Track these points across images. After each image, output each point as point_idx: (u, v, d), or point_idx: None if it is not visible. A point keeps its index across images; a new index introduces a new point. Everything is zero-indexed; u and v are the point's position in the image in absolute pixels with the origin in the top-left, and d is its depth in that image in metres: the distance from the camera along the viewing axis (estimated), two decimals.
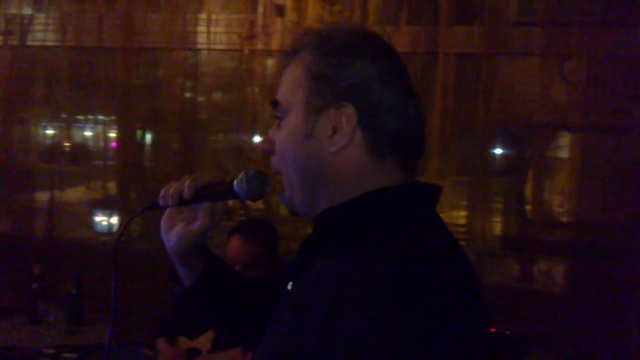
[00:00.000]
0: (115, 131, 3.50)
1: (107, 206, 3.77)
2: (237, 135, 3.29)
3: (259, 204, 3.24)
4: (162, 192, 1.14)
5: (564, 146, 3.06)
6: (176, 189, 1.12)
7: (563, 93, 2.85)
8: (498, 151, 3.09)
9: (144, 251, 3.36)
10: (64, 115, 3.61)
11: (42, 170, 3.73)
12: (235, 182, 1.09)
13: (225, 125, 3.42)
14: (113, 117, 3.51)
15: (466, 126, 3.01)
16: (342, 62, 1.01)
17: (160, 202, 1.14)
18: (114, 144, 3.73)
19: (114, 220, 3.75)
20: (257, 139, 3.23)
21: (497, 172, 3.10)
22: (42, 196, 3.58)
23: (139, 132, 3.56)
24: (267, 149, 1.08)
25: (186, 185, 1.11)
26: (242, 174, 1.09)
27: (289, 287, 1.07)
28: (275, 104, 1.07)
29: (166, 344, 2.55)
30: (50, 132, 4.24)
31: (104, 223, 3.83)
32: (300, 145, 1.01)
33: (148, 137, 3.65)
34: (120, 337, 2.95)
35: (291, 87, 1.04)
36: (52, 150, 3.74)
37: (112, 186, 3.84)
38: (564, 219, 2.92)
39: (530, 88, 2.97)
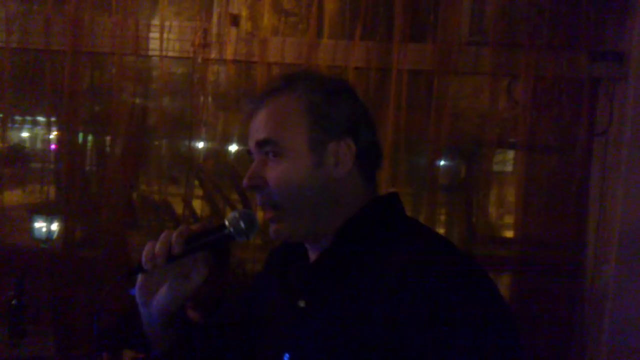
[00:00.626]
0: (56, 133, 3.38)
1: (47, 211, 3.65)
2: (187, 142, 3.25)
3: (207, 212, 3.20)
4: (144, 254, 1.08)
5: (509, 162, 3.16)
6: (162, 246, 1.08)
7: (510, 111, 2.94)
8: (445, 165, 3.16)
9: (87, 259, 3.27)
10: (1, 116, 3.47)
11: None
12: (228, 225, 1.09)
13: (173, 132, 3.37)
14: (54, 119, 3.39)
15: (416, 140, 3.07)
16: (338, 100, 1.14)
17: (146, 266, 1.08)
18: (53, 146, 3.62)
19: (54, 227, 3.63)
20: (201, 145, 3.19)
21: (444, 185, 3.16)
22: None
23: (81, 135, 3.46)
24: (256, 185, 1.12)
25: (173, 239, 1.08)
26: (232, 216, 1.10)
27: (302, 304, 1.11)
28: (265, 142, 1.11)
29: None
30: None
31: (44, 229, 3.70)
32: (310, 175, 1.10)
33: (91, 140, 3.56)
34: (62, 350, 2.86)
35: (287, 124, 1.11)
36: None
37: (50, 190, 3.72)
38: (508, 234, 3.00)
39: (478, 105, 3.05)
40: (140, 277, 1.12)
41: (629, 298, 2.64)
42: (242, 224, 1.09)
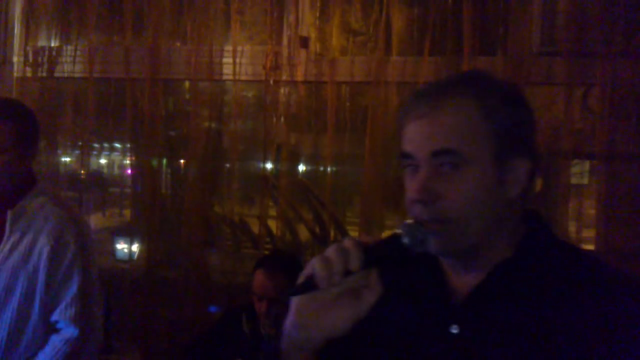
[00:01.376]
0: (133, 158, 3.53)
1: (127, 233, 3.79)
2: (261, 163, 3.32)
3: (287, 234, 3.25)
4: (317, 269, 0.95)
5: (585, 174, 3.08)
6: (340, 260, 0.94)
7: (587, 122, 2.88)
8: None
9: (168, 278, 3.37)
10: (80, 143, 3.64)
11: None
12: (403, 234, 1.00)
13: (247, 154, 3.46)
14: (129, 145, 3.54)
15: None
16: (520, 110, 1.06)
17: (322, 283, 0.95)
18: (129, 171, 3.76)
19: (135, 247, 3.76)
20: (274, 165, 3.26)
21: None
22: None
23: (156, 160, 3.59)
24: (428, 200, 1.01)
25: (351, 253, 0.95)
26: (406, 226, 1.01)
27: (455, 330, 1.03)
28: (445, 152, 1.01)
29: None
30: (68, 159, 4.28)
31: (125, 250, 3.85)
32: (492, 192, 1.02)
33: (166, 164, 3.68)
34: None
35: (472, 134, 1.02)
36: (71, 177, 3.76)
37: (128, 213, 3.85)
38: (589, 247, 2.92)
39: (553, 116, 3.00)
40: (301, 297, 0.98)
41: None
42: (418, 234, 1.00)
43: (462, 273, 1.07)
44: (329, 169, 3.10)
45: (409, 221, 1.01)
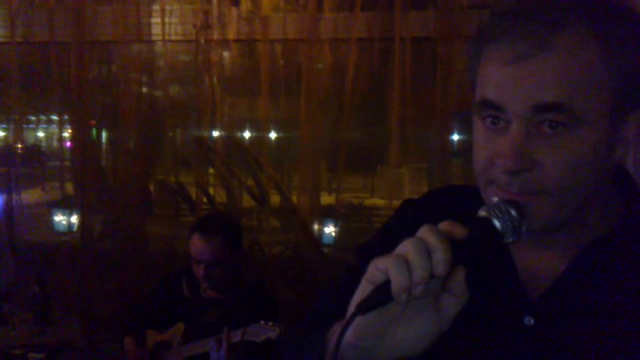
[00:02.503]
0: (70, 130, 3.43)
1: (66, 205, 3.71)
2: (197, 129, 3.26)
3: (223, 197, 3.22)
4: (394, 275, 0.68)
5: None
6: (424, 267, 0.69)
7: None
8: (456, 136, 3.13)
9: (106, 250, 3.32)
10: (15, 116, 3.52)
11: None
12: (493, 218, 0.77)
13: (183, 120, 3.39)
14: (66, 117, 3.44)
15: (424, 112, 3.04)
16: None
17: (399, 297, 0.69)
18: (68, 144, 3.67)
19: (74, 219, 3.69)
20: (215, 132, 3.21)
21: (456, 156, 3.13)
22: None
23: (94, 130, 3.50)
24: (520, 168, 0.79)
25: (438, 251, 0.69)
26: (495, 207, 0.78)
27: (530, 322, 0.84)
28: (554, 107, 0.77)
29: (132, 343, 2.51)
30: (1, 134, 4.14)
31: (64, 222, 3.76)
32: (600, 157, 0.80)
33: (106, 135, 3.60)
34: (88, 336, 2.91)
35: (588, 86, 0.77)
36: (6, 153, 3.64)
37: (69, 187, 3.77)
38: None
39: None
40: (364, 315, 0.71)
41: None
42: (512, 218, 0.77)
43: (541, 253, 0.87)
44: (266, 131, 3.07)
45: (495, 199, 0.80)
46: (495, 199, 0.79)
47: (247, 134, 3.36)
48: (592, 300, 0.83)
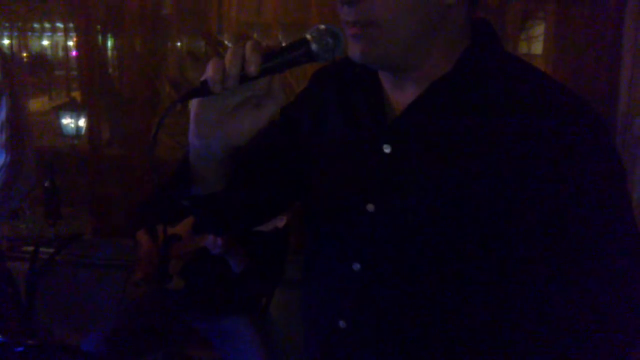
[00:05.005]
0: (75, 38, 3.36)
1: (74, 109, 3.69)
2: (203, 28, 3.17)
3: None
4: (210, 72, 0.82)
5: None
6: (235, 63, 0.82)
7: None
8: None
9: (115, 156, 3.32)
10: (19, 24, 3.45)
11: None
12: (311, 39, 0.87)
13: (190, 22, 3.29)
14: (71, 25, 3.36)
15: None
16: None
17: (215, 87, 0.83)
18: (74, 53, 3.61)
19: (82, 122, 3.67)
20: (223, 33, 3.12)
21: None
22: None
23: (100, 36, 3.42)
24: None
25: (248, 55, 0.83)
26: (315, 30, 0.87)
27: (387, 149, 0.97)
28: None
29: (145, 235, 2.53)
30: (5, 42, 4.06)
31: (72, 126, 3.75)
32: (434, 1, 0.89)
33: (111, 42, 3.52)
34: (100, 230, 2.94)
35: None
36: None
37: (76, 95, 3.74)
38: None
39: None
40: (197, 101, 0.86)
41: None
42: (329, 39, 0.87)
43: (398, 89, 0.98)
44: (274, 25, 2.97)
45: (322, 26, 0.88)
46: (322, 26, 0.87)
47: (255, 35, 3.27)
48: (439, 130, 0.93)
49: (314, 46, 0.87)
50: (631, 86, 2.70)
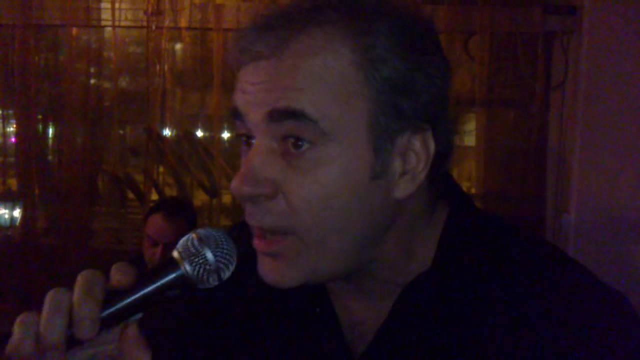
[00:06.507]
0: (15, 125, 3.33)
1: (8, 199, 3.59)
2: (146, 121, 3.19)
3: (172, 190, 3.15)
4: (15, 344, 0.59)
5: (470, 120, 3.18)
6: (55, 324, 0.58)
7: (468, 69, 2.96)
8: None
9: (49, 246, 3.23)
10: None
11: None
12: (182, 259, 0.61)
13: (132, 113, 3.31)
14: (10, 111, 3.34)
15: None
16: (420, 58, 0.66)
17: None
18: (13, 139, 3.55)
19: (16, 213, 3.57)
20: (165, 127, 3.14)
21: None
22: None
23: (39, 124, 3.40)
24: (255, 193, 0.65)
25: (81, 308, 0.58)
26: (187, 242, 0.62)
27: None
28: (288, 113, 0.64)
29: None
30: None
31: (6, 217, 3.64)
32: (363, 192, 0.66)
33: (52, 130, 3.49)
34: None
35: (336, 91, 0.64)
36: None
37: (12, 183, 3.66)
38: (472, 190, 3.02)
39: None
40: None
41: (590, 245, 2.66)
42: (202, 259, 0.62)
43: (364, 302, 0.76)
44: (218, 126, 3.02)
45: (199, 231, 0.63)
46: (200, 231, 0.63)
47: (199, 130, 3.30)
48: (419, 345, 0.72)
49: (187, 267, 0.61)
50: (557, 184, 2.84)
